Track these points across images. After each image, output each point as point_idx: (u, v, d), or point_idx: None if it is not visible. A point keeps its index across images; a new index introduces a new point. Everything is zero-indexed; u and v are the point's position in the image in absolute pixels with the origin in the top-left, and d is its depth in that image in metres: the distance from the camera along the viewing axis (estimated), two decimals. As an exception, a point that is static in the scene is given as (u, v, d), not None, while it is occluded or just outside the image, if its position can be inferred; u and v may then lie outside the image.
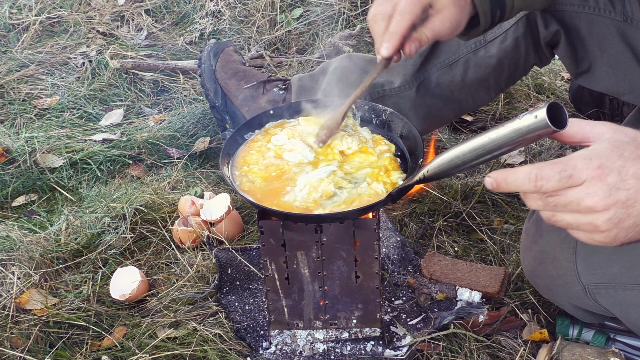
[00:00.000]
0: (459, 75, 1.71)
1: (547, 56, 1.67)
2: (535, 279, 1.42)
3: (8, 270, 1.63)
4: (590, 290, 1.29)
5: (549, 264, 1.34)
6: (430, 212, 1.82)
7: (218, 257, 1.66)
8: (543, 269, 1.37)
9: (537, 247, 1.36)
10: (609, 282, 1.26)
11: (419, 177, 1.24)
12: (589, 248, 1.26)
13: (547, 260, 1.34)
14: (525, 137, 1.12)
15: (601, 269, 1.26)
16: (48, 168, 2.05)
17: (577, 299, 1.34)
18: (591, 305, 1.33)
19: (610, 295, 1.27)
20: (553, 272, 1.34)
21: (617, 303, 1.28)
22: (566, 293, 1.35)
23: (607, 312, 1.33)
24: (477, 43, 1.67)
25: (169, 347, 1.44)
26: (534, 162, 2.00)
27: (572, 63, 1.60)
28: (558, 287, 1.36)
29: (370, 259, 1.35)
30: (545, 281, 1.39)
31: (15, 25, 2.88)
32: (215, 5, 2.89)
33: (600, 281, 1.27)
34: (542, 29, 1.59)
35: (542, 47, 1.64)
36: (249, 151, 1.40)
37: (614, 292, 1.26)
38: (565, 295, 1.36)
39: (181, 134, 2.17)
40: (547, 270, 1.36)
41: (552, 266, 1.34)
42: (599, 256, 1.26)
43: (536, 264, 1.38)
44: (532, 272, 1.42)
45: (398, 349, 1.43)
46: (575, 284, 1.30)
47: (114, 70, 2.50)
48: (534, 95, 2.32)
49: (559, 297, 1.40)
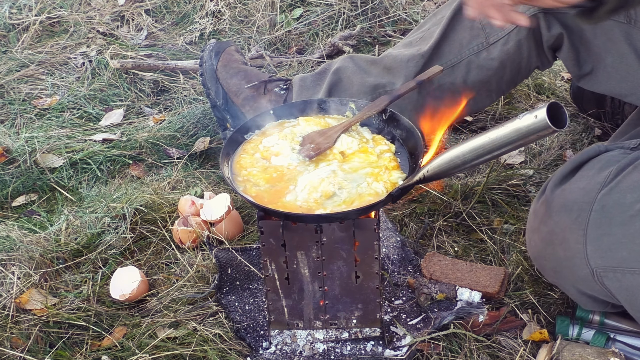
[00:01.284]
0: (460, 77, 1.70)
1: (549, 59, 1.67)
2: (542, 261, 1.41)
3: (8, 270, 1.63)
4: (598, 274, 1.28)
5: (558, 246, 1.33)
6: (430, 212, 1.82)
7: (218, 257, 1.66)
8: (551, 251, 1.35)
9: (546, 228, 1.35)
10: (617, 266, 1.25)
11: (419, 177, 1.25)
12: (599, 230, 1.26)
13: (556, 241, 1.33)
14: (525, 137, 1.13)
15: (611, 252, 1.25)
16: (48, 168, 2.05)
17: (583, 282, 1.33)
18: (597, 289, 1.32)
19: (617, 279, 1.27)
20: (561, 253, 1.33)
21: (624, 287, 1.27)
22: (573, 276, 1.34)
23: (612, 298, 1.32)
24: (480, 45, 1.67)
25: (169, 347, 1.44)
26: (534, 162, 2.01)
27: (575, 66, 1.60)
28: (565, 269, 1.34)
29: (370, 259, 1.35)
30: (551, 263, 1.38)
31: (15, 25, 2.88)
32: (215, 5, 2.89)
33: (608, 264, 1.26)
34: (545, 31, 1.59)
35: (545, 50, 1.64)
36: (241, 154, 1.40)
37: (622, 277, 1.26)
38: (572, 278, 1.35)
39: (181, 134, 2.17)
40: (554, 251, 1.34)
41: (560, 248, 1.33)
42: (609, 239, 1.25)
43: (544, 246, 1.37)
44: (538, 254, 1.41)
45: (398, 349, 1.43)
46: (583, 267, 1.29)
47: (114, 70, 2.50)
48: (534, 95, 2.32)
49: (565, 281, 1.39)
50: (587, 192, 1.28)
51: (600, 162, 1.33)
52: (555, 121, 1.08)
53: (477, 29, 1.66)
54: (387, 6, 2.81)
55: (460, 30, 1.68)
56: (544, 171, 1.96)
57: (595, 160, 1.34)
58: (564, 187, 1.34)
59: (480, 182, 1.88)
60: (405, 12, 2.82)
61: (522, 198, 1.86)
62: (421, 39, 1.75)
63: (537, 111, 1.09)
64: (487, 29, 1.65)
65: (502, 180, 1.90)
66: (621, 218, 1.24)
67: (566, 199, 1.32)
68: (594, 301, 1.39)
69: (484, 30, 1.65)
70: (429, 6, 2.88)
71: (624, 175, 1.27)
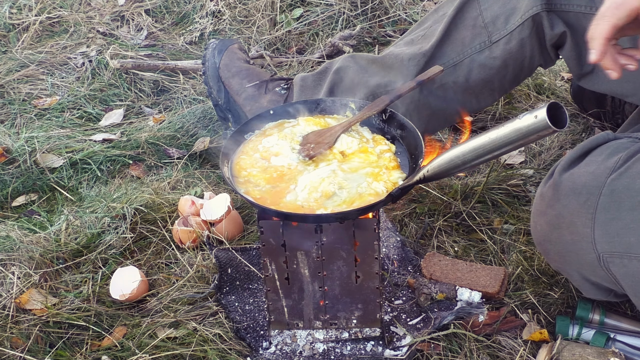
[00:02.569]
0: (462, 76, 1.69)
1: (551, 57, 1.67)
2: (547, 244, 1.40)
3: (8, 270, 1.63)
4: (605, 259, 1.27)
5: (564, 229, 1.32)
6: (430, 212, 1.82)
7: (218, 257, 1.66)
8: (557, 234, 1.34)
9: (553, 211, 1.34)
10: (624, 252, 1.25)
11: (419, 177, 1.25)
12: (608, 215, 1.25)
13: (563, 225, 1.32)
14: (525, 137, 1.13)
15: (619, 237, 1.24)
16: (48, 168, 2.05)
17: (588, 267, 1.32)
18: (602, 275, 1.31)
19: (624, 264, 1.26)
20: (568, 237, 1.32)
21: (629, 274, 1.26)
22: (578, 260, 1.33)
23: (616, 285, 1.31)
24: (482, 44, 1.66)
25: (169, 347, 1.44)
26: (534, 162, 2.01)
27: (577, 65, 1.60)
28: (570, 253, 1.34)
29: (370, 259, 1.35)
30: (557, 247, 1.37)
31: (15, 25, 2.88)
32: (215, 5, 2.89)
33: (615, 250, 1.25)
34: (548, 30, 1.58)
35: (548, 49, 1.63)
36: (240, 156, 1.40)
37: (629, 262, 1.25)
38: (577, 263, 1.34)
39: (181, 134, 2.17)
40: (561, 235, 1.34)
41: (567, 231, 1.32)
42: (617, 224, 1.24)
43: (550, 229, 1.36)
44: (544, 238, 1.40)
45: (398, 349, 1.43)
46: (590, 252, 1.28)
47: (114, 70, 2.50)
48: (534, 95, 2.32)
49: (569, 266, 1.38)
50: (596, 177, 1.27)
51: (609, 148, 1.32)
52: (555, 121, 1.08)
53: (479, 28, 1.65)
54: (387, 6, 2.81)
55: (462, 28, 1.67)
56: (544, 171, 1.96)
57: (605, 147, 1.33)
58: (572, 171, 1.33)
59: (480, 182, 1.88)
60: (405, 12, 2.82)
61: (522, 198, 1.86)
62: (423, 37, 1.74)
63: (537, 111, 1.09)
64: (490, 28, 1.64)
65: (502, 180, 1.90)
66: (630, 203, 1.24)
67: (575, 182, 1.31)
68: (597, 289, 1.38)
69: (486, 29, 1.64)
70: (429, 6, 2.88)
71: (634, 161, 1.26)
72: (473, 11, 1.65)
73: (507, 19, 1.61)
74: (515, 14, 1.60)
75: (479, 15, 1.64)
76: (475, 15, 1.65)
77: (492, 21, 1.63)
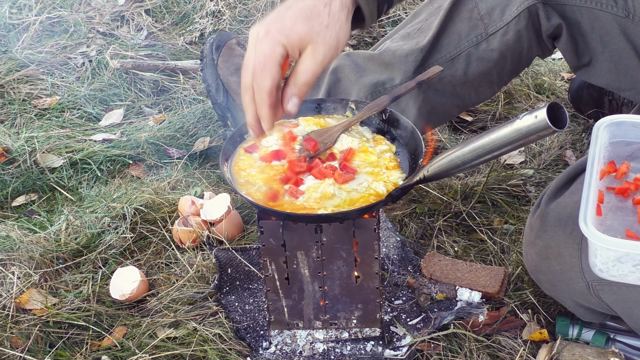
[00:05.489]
0: (461, 69, 1.68)
1: (549, 48, 1.65)
2: (538, 274, 1.42)
3: (8, 270, 1.63)
4: (594, 287, 1.28)
5: (553, 260, 1.34)
6: (430, 212, 1.82)
7: (218, 257, 1.66)
8: (546, 265, 1.36)
9: (541, 242, 1.35)
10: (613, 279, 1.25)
11: (419, 177, 1.25)
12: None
13: (551, 255, 1.33)
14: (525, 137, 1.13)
15: None
16: (48, 168, 2.05)
17: (579, 295, 1.34)
18: (594, 302, 1.33)
19: (613, 292, 1.27)
20: (557, 267, 1.33)
21: (620, 300, 1.27)
22: (569, 289, 1.34)
23: (609, 310, 1.33)
24: (479, 37, 1.64)
25: (169, 347, 1.44)
26: (534, 162, 2.01)
27: (573, 56, 1.59)
28: (561, 283, 1.35)
29: (370, 259, 1.35)
30: (548, 277, 1.38)
31: (15, 25, 2.87)
32: (215, 5, 2.89)
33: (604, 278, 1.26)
34: (545, 21, 1.56)
35: (544, 40, 1.61)
36: (240, 156, 1.39)
37: (618, 289, 1.26)
38: (568, 292, 1.36)
39: (181, 134, 2.17)
40: (550, 265, 1.35)
41: (556, 262, 1.33)
42: None
43: (540, 259, 1.37)
44: (535, 268, 1.41)
45: (398, 349, 1.43)
46: (579, 280, 1.29)
47: (114, 70, 2.50)
48: (534, 95, 2.32)
49: (561, 294, 1.39)
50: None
51: None
52: (555, 121, 1.08)
53: (475, 20, 1.62)
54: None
55: (458, 21, 1.65)
56: (544, 171, 1.96)
57: None
58: (558, 200, 1.35)
59: (480, 182, 1.88)
60: (405, 12, 2.82)
61: (522, 198, 1.86)
62: (419, 31, 1.71)
63: (537, 111, 1.08)
64: (486, 19, 1.61)
65: (502, 180, 1.90)
66: None
67: (560, 213, 1.33)
68: (592, 313, 1.39)
69: (482, 21, 1.62)
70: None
71: None
72: (469, 3, 1.62)
73: (502, 11, 1.59)
74: (510, 5, 1.57)
75: (475, 7, 1.62)
76: (471, 7, 1.62)
77: (488, 13, 1.61)
